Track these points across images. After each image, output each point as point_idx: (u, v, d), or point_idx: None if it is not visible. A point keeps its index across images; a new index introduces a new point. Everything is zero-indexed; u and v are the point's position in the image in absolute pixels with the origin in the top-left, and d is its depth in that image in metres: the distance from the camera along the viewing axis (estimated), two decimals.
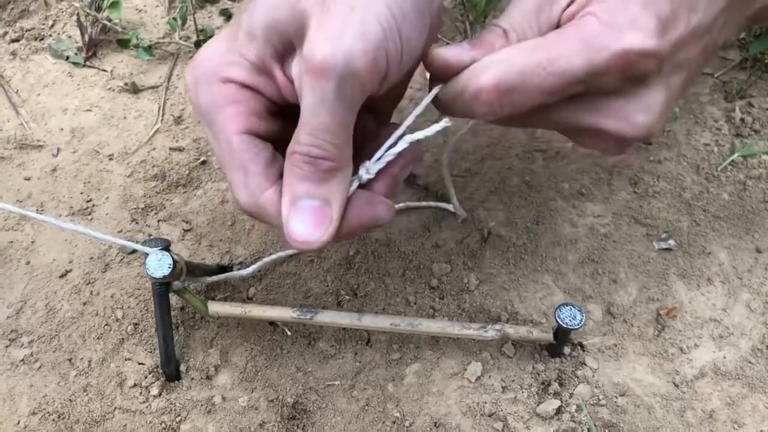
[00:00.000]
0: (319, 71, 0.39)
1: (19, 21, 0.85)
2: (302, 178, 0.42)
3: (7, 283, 0.64)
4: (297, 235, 0.42)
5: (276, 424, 0.57)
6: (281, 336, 0.62)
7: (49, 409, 0.57)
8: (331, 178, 0.42)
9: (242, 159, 0.43)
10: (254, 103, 0.44)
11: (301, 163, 0.42)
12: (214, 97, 0.43)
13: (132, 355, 0.60)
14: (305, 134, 0.41)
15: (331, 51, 0.38)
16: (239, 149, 0.43)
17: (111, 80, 0.80)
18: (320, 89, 0.39)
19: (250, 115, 0.43)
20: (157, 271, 0.54)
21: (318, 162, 0.41)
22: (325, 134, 0.41)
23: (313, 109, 0.40)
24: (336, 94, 0.40)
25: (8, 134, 0.74)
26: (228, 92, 0.43)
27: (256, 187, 0.43)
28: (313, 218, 0.42)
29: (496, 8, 0.84)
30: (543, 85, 0.40)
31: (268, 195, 0.43)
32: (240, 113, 0.43)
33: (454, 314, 0.63)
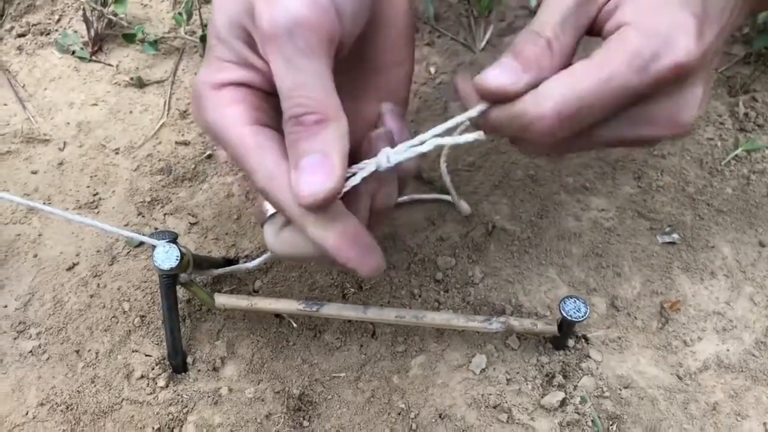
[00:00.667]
0: (270, 37, 0.41)
1: (25, 16, 0.85)
2: (296, 141, 0.42)
3: (15, 276, 0.65)
4: (303, 192, 0.41)
5: (282, 415, 0.57)
6: (287, 328, 0.62)
7: (57, 400, 0.58)
8: (321, 130, 0.42)
9: (256, 144, 0.43)
10: (252, 98, 0.44)
11: (291, 127, 0.42)
12: (216, 104, 0.44)
13: (139, 347, 0.61)
14: (284, 100, 0.42)
15: (270, 14, 0.40)
16: (251, 136, 0.43)
17: (117, 75, 0.80)
18: (279, 53, 0.41)
19: (252, 109, 0.44)
20: (164, 264, 0.54)
21: (303, 119, 0.42)
22: (300, 91, 0.42)
23: (282, 74, 0.42)
24: (294, 50, 0.41)
25: (15, 128, 0.75)
26: (225, 95, 0.44)
27: (274, 166, 0.43)
28: (315, 171, 0.42)
29: (500, 3, 0.85)
30: (602, 106, 0.40)
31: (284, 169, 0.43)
32: (244, 110, 0.44)
33: (458, 307, 0.63)
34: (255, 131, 0.43)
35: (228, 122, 0.43)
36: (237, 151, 0.44)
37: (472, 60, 0.82)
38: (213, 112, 0.44)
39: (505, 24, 0.86)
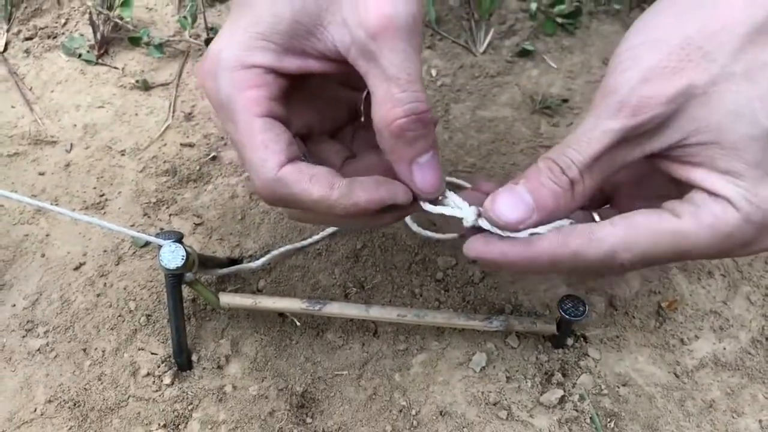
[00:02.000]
0: (385, 30, 0.40)
1: (32, 19, 0.87)
2: (415, 138, 0.42)
3: (23, 275, 0.66)
4: (431, 186, 0.43)
5: (285, 413, 0.58)
6: (290, 327, 0.63)
7: (65, 397, 0.59)
8: (432, 130, 0.43)
9: (264, 139, 0.42)
10: (275, 88, 0.44)
11: (410, 124, 0.41)
12: (236, 83, 0.43)
13: (145, 345, 0.62)
14: (402, 93, 0.41)
15: (387, 7, 0.40)
16: (261, 130, 0.43)
17: (122, 77, 0.81)
18: (395, 46, 0.41)
19: (270, 100, 0.44)
20: (170, 263, 0.55)
21: (423, 116, 0.42)
22: (416, 85, 0.42)
23: (401, 64, 0.41)
24: (411, 45, 0.41)
25: (23, 130, 0.76)
26: (250, 77, 0.43)
27: (278, 164, 0.42)
28: (433, 170, 0.43)
29: (500, 6, 0.86)
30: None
31: (289, 169, 0.42)
32: (262, 97, 0.43)
33: (459, 306, 0.64)
34: (267, 123, 0.43)
35: (242, 105, 0.43)
36: (241, 140, 0.43)
37: (472, 62, 0.83)
38: (231, 89, 0.43)
39: (505, 27, 0.87)
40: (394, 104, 0.41)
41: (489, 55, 0.84)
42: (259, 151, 0.42)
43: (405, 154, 0.43)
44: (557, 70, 0.83)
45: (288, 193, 0.42)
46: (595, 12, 0.89)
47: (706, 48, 0.37)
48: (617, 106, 0.38)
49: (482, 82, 0.81)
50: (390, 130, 0.41)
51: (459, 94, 0.80)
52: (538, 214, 0.40)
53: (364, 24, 0.41)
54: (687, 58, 0.37)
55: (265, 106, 0.43)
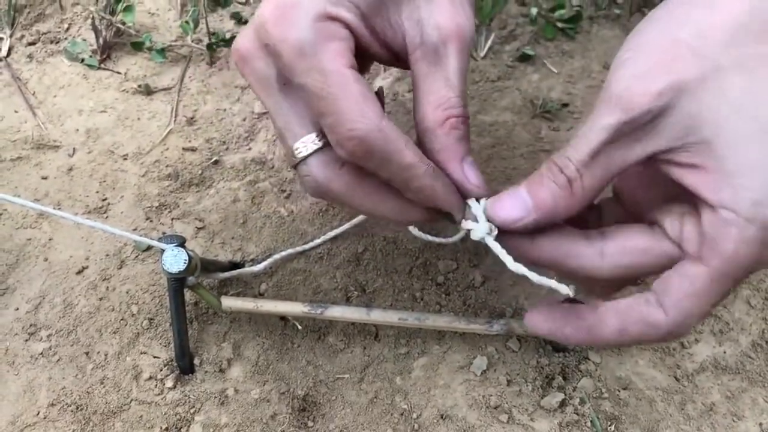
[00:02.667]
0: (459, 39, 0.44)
1: (35, 24, 0.87)
2: (461, 138, 0.44)
3: (26, 279, 0.66)
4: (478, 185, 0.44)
5: (287, 416, 0.59)
6: (292, 330, 0.63)
7: (68, 400, 0.59)
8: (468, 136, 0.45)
9: (362, 89, 0.40)
10: (353, 45, 0.43)
11: (459, 124, 0.43)
12: (322, 32, 0.41)
13: (147, 349, 0.62)
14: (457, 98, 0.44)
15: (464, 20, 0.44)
16: (356, 80, 0.40)
17: (125, 82, 0.82)
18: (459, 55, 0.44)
19: (352, 54, 0.42)
20: (172, 267, 0.55)
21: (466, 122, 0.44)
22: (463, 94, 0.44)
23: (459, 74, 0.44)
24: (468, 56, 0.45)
25: (25, 135, 0.76)
26: (334, 29, 0.42)
27: (377, 115, 0.40)
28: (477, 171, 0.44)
29: (501, 10, 0.86)
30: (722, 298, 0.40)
31: (389, 125, 0.41)
32: (348, 50, 0.42)
33: (459, 310, 0.64)
34: (357, 77, 0.41)
35: (329, 54, 0.41)
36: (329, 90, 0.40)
37: (473, 67, 0.83)
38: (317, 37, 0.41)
39: (506, 31, 0.87)
40: (451, 105, 0.43)
41: (489, 60, 0.84)
42: (359, 103, 0.40)
43: (458, 152, 0.44)
44: (558, 75, 0.83)
45: (383, 150, 0.40)
46: (596, 17, 0.90)
47: (694, 45, 0.37)
48: (611, 104, 0.38)
49: (483, 86, 0.82)
50: (444, 129, 0.43)
51: None
52: (536, 213, 0.41)
53: (440, 28, 0.43)
54: (677, 56, 0.37)
55: (350, 59, 0.41)
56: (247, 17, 0.88)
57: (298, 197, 0.72)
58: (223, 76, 0.82)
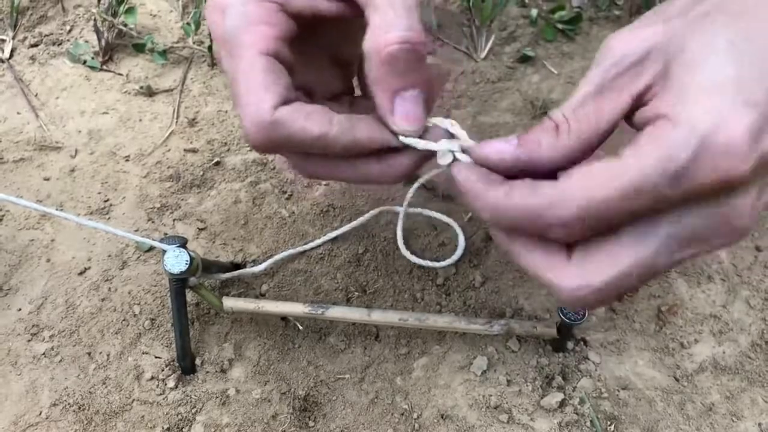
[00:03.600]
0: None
1: (37, 26, 0.87)
2: (403, 70, 0.40)
3: (28, 280, 0.66)
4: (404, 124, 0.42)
5: (288, 416, 0.59)
6: (293, 331, 0.64)
7: (70, 400, 0.60)
8: (424, 66, 0.42)
9: (264, 79, 0.40)
10: (285, 29, 0.42)
11: (401, 52, 0.40)
12: (247, 16, 0.41)
13: (149, 349, 0.62)
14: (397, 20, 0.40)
15: None
16: (263, 69, 0.40)
17: (127, 83, 0.82)
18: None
19: (278, 39, 0.42)
20: (174, 268, 0.56)
21: (416, 47, 0.40)
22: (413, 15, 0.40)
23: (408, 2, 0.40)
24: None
25: (28, 136, 0.77)
26: (262, 12, 0.42)
27: (273, 105, 0.40)
28: (415, 104, 0.42)
29: (501, 12, 0.86)
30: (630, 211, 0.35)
31: (286, 109, 0.40)
32: (270, 35, 0.41)
33: (459, 311, 0.65)
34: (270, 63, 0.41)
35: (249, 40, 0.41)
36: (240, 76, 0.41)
37: (473, 68, 0.83)
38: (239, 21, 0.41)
39: (506, 33, 0.88)
40: (388, 30, 0.40)
41: (490, 61, 0.84)
42: (258, 92, 0.40)
43: (391, 84, 0.41)
44: (558, 76, 0.83)
45: (285, 135, 0.40)
46: (596, 18, 0.90)
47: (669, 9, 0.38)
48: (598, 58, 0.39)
49: (483, 87, 0.82)
50: (381, 57, 0.40)
51: (460, 99, 0.81)
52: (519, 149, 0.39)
53: None
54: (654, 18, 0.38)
55: (272, 45, 0.41)
56: None
57: (299, 198, 0.72)
58: (224, 77, 0.82)
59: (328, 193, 0.72)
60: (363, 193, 0.72)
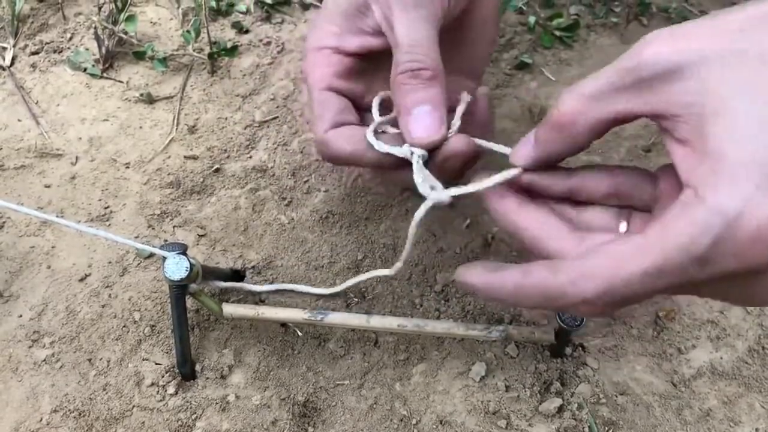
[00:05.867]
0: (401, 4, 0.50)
1: (38, 34, 0.88)
2: (410, 91, 0.49)
3: (29, 287, 0.67)
4: (420, 136, 0.48)
5: (288, 422, 0.59)
6: (292, 337, 0.64)
7: (71, 407, 0.60)
8: (432, 85, 0.49)
9: (320, 109, 0.53)
10: (340, 66, 0.54)
11: (406, 79, 0.49)
12: (309, 62, 0.55)
13: (149, 356, 0.63)
14: (403, 54, 0.49)
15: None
16: (319, 101, 0.53)
17: (127, 91, 0.83)
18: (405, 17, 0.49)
19: (334, 76, 0.54)
20: (174, 274, 0.56)
21: (420, 73, 0.48)
22: (418, 49, 0.49)
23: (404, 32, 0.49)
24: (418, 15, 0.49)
25: (29, 143, 0.77)
26: (319, 58, 0.54)
27: (323, 129, 0.52)
28: (429, 120, 0.49)
29: (499, 19, 0.87)
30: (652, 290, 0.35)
31: (331, 133, 0.52)
32: (326, 74, 0.54)
33: (458, 317, 0.65)
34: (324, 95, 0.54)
35: (312, 79, 0.54)
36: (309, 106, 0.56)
37: None
38: (307, 67, 0.55)
39: (504, 40, 0.88)
40: (396, 66, 0.49)
41: (488, 68, 0.85)
42: (316, 119, 0.53)
43: (402, 103, 0.49)
44: (555, 83, 0.84)
45: (330, 151, 0.52)
46: (593, 25, 0.90)
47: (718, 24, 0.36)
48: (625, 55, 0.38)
49: None
50: (392, 88, 0.50)
51: None
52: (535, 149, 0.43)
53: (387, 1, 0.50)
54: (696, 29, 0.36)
55: (327, 82, 0.54)
56: (247, 26, 0.89)
57: (299, 205, 0.72)
58: (224, 84, 0.83)
59: (327, 199, 0.72)
60: (362, 199, 0.72)
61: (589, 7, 0.92)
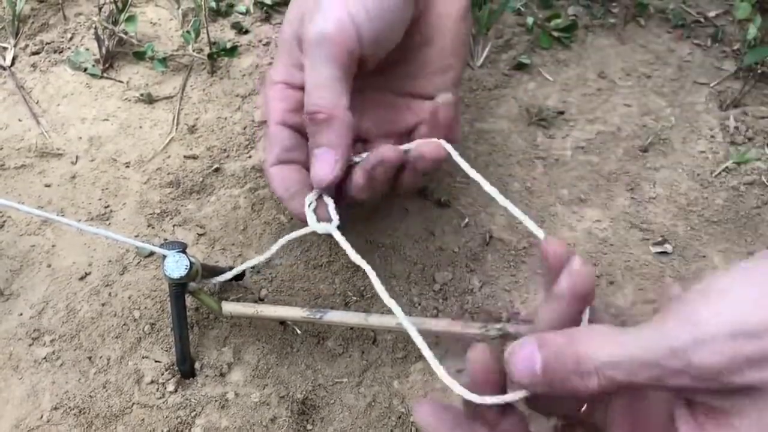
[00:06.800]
0: (306, 46, 0.53)
1: (39, 34, 0.88)
2: (312, 133, 0.54)
3: (29, 285, 0.67)
4: (315, 176, 0.54)
5: (287, 419, 0.59)
6: (291, 335, 0.64)
7: (71, 404, 0.60)
8: (327, 127, 0.53)
9: (271, 143, 0.59)
10: (292, 101, 0.58)
11: (308, 121, 0.54)
12: (268, 95, 0.60)
13: (149, 354, 0.63)
14: (305, 97, 0.54)
15: (307, 28, 0.53)
16: (271, 133, 0.59)
17: (127, 91, 0.83)
18: (308, 59, 0.53)
19: (286, 111, 0.58)
20: (174, 272, 0.56)
21: (315, 116, 0.53)
22: (317, 91, 0.53)
23: (307, 75, 0.54)
24: (318, 57, 0.53)
25: (29, 143, 0.77)
26: (275, 92, 0.59)
27: (269, 161, 0.59)
28: (323, 161, 0.54)
29: (498, 20, 0.87)
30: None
31: (274, 169, 0.58)
32: (279, 108, 0.58)
33: (457, 315, 0.65)
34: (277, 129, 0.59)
35: (268, 111, 0.59)
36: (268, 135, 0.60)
37: (470, 76, 0.84)
38: (266, 98, 0.60)
39: (502, 41, 0.89)
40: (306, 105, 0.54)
41: (486, 69, 0.85)
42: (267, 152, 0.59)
43: (309, 144, 0.55)
44: (553, 83, 0.84)
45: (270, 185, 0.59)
46: (591, 26, 0.91)
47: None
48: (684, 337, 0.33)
49: (480, 95, 0.83)
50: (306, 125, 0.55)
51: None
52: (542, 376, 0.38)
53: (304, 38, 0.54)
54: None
55: (280, 117, 0.58)
56: (247, 27, 0.89)
57: None
58: (223, 85, 0.83)
59: None
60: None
61: (587, 8, 0.93)
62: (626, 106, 0.82)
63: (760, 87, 0.83)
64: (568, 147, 0.78)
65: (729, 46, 0.88)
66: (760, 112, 0.80)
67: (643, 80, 0.85)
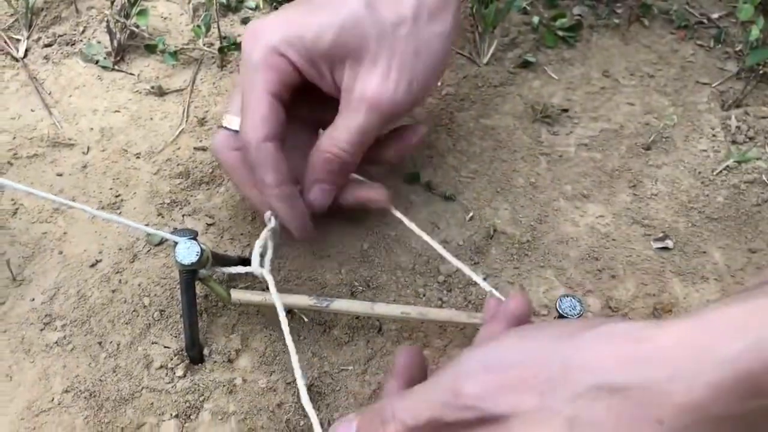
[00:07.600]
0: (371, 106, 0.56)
1: (51, 27, 0.90)
2: (328, 170, 0.59)
3: (41, 272, 0.68)
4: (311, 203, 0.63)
5: (293, 405, 0.61)
6: (298, 323, 0.66)
7: (81, 387, 0.61)
8: (343, 176, 0.61)
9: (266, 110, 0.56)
10: (290, 78, 0.58)
11: (333, 158, 0.58)
12: (267, 59, 0.57)
13: (158, 339, 0.64)
14: (344, 143, 0.58)
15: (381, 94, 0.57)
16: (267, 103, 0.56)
17: (138, 83, 0.84)
18: (366, 119, 0.57)
19: (282, 84, 0.57)
20: (185, 259, 0.58)
21: (344, 165, 0.59)
22: (356, 147, 0.58)
23: (356, 129, 0.57)
24: (376, 126, 0.58)
25: (42, 133, 0.79)
26: (279, 63, 0.57)
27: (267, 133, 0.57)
28: (323, 195, 0.62)
29: (504, 19, 0.89)
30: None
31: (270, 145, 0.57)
32: (279, 81, 0.57)
33: (461, 306, 0.67)
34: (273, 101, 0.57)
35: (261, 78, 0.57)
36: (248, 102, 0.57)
37: (476, 73, 0.86)
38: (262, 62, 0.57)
39: (508, 39, 0.90)
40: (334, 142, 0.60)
41: (492, 66, 0.87)
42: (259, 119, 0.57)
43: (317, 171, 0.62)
44: (558, 81, 0.86)
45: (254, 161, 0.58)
46: (596, 26, 0.92)
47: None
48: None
49: (485, 91, 0.84)
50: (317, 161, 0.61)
51: (463, 103, 0.83)
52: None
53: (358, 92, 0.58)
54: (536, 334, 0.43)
55: (278, 89, 0.57)
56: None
57: None
58: (233, 78, 0.85)
59: None
60: None
61: (592, 9, 0.94)
62: (629, 105, 0.83)
63: (762, 87, 0.84)
64: (572, 144, 0.79)
65: (731, 47, 0.89)
66: (762, 112, 0.82)
67: (646, 79, 0.86)
